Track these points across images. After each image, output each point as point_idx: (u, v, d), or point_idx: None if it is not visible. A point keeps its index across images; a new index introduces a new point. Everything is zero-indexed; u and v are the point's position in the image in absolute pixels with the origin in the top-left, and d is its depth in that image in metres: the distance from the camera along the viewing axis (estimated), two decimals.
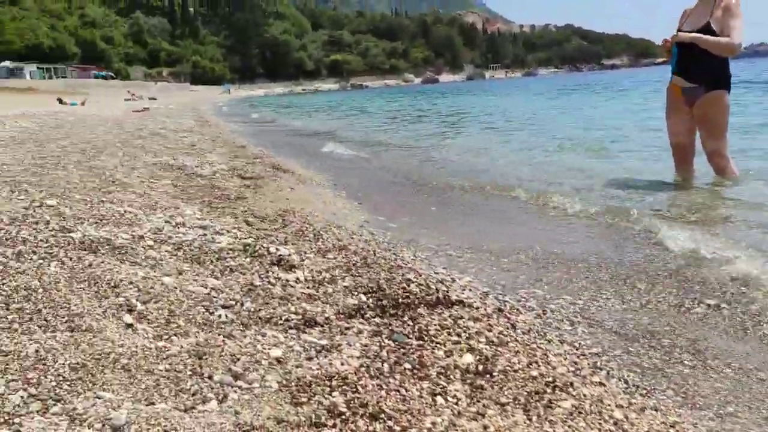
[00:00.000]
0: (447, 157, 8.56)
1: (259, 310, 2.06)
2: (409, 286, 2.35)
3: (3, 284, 1.79)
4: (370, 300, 2.19)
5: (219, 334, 1.78)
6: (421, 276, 2.58)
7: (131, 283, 1.99)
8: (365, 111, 28.53)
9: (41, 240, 2.28)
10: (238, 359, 1.64)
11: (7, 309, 1.69)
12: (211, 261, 2.45)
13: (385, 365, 1.71)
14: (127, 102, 50.22)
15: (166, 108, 28.84)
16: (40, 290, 1.79)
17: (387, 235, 3.91)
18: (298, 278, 2.35)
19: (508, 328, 2.08)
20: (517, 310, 2.50)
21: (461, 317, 2.05)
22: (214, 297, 2.07)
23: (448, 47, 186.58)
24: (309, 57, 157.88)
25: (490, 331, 1.96)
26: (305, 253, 2.70)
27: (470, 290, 2.60)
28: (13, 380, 1.38)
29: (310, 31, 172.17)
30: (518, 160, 8.11)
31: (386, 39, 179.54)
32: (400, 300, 2.20)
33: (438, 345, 1.84)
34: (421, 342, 1.86)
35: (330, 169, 7.66)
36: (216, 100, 71.11)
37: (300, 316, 2.02)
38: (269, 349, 1.74)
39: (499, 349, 1.85)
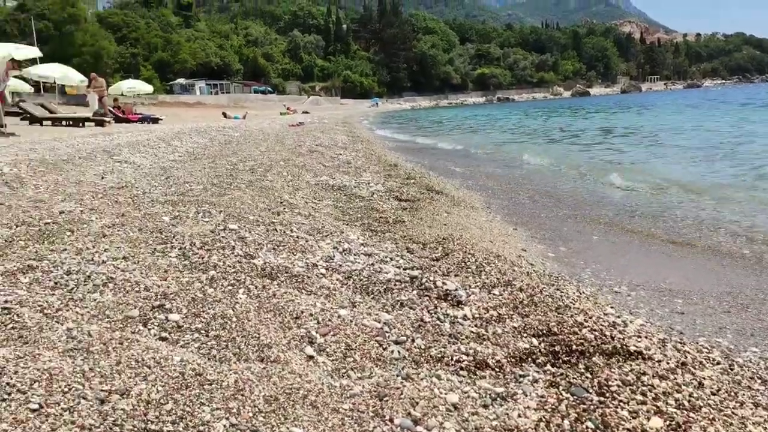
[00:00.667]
0: (606, 180, 8.16)
1: (430, 347, 2.07)
2: (581, 330, 2.25)
3: (203, 311, 1.94)
4: (542, 345, 2.12)
5: (397, 375, 1.80)
6: (591, 318, 2.46)
7: (311, 315, 2.08)
8: (514, 128, 28.10)
9: (229, 266, 2.46)
10: (417, 403, 1.66)
11: (207, 335, 1.83)
12: (380, 292, 2.51)
13: (566, 422, 1.64)
14: (283, 116, 53.31)
15: (320, 122, 30.20)
16: (234, 319, 1.92)
17: (546, 265, 3.79)
18: (465, 315, 2.34)
19: (696, 388, 1.92)
20: (701, 363, 2.31)
21: (644, 373, 1.92)
22: (387, 332, 2.11)
23: (601, 59, 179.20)
24: (456, 71, 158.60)
25: (678, 392, 1.82)
26: (470, 287, 2.68)
27: (646, 337, 2.44)
28: (216, 409, 1.49)
29: (457, 45, 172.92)
30: (693, 187, 7.55)
31: (535, 51, 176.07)
32: (574, 347, 2.11)
33: (621, 404, 1.74)
34: (602, 398, 1.77)
35: (481, 189, 7.60)
36: (365, 114, 73.41)
37: (471, 358, 2.00)
38: (446, 393, 1.74)
39: (691, 414, 1.71)
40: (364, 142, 14.21)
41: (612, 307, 2.95)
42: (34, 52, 15.85)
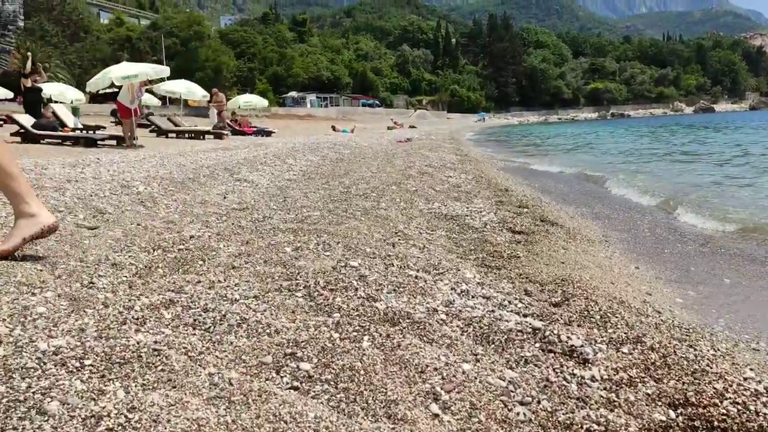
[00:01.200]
0: (738, 215, 7.62)
1: (557, 410, 2.01)
2: (722, 402, 2.10)
3: (332, 362, 1.98)
4: (680, 418, 2.00)
5: None
6: (732, 386, 2.29)
7: (435, 369, 2.07)
8: (630, 147, 26.98)
9: (352, 309, 2.51)
10: None
11: (336, 387, 1.87)
12: (501, 343, 2.46)
13: None
14: (390, 130, 54.04)
15: (428, 138, 30.35)
16: (362, 371, 1.94)
17: (674, 314, 3.58)
18: (593, 376, 2.24)
19: None
20: None
21: None
22: (512, 391, 2.07)
23: (728, 73, 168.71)
24: (567, 85, 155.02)
25: None
26: (596, 342, 2.58)
27: None
28: None
29: (570, 59, 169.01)
30: None
31: (654, 65, 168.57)
32: (715, 423, 1.97)
33: None
34: None
35: (596, 218, 7.34)
36: (471, 129, 73.05)
37: (603, 428, 1.91)
38: None
39: None
40: (472, 162, 14.13)
41: (751, 369, 2.74)
42: (166, 71, 17.06)
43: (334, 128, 44.78)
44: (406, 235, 4.48)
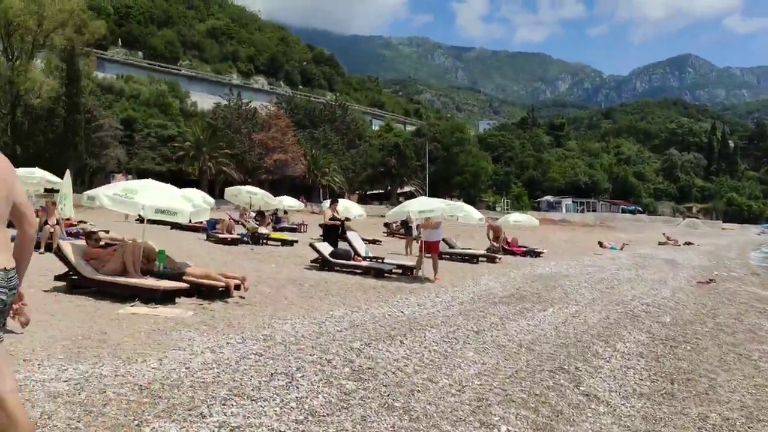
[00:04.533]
0: None
1: None
2: None
3: None
4: None
5: None
6: None
7: None
8: None
9: None
10: None
11: None
12: None
13: None
14: (662, 245, 48.65)
15: (727, 272, 25.66)
16: None
17: None
18: None
19: None
20: None
21: None
22: None
23: None
24: None
25: None
26: None
27: None
28: None
29: None
30: None
31: None
32: None
33: None
34: None
35: None
36: (758, 246, 63.52)
37: None
38: None
39: None
40: None
41: None
42: (459, 210, 17.99)
43: (601, 244, 41.45)
44: None
